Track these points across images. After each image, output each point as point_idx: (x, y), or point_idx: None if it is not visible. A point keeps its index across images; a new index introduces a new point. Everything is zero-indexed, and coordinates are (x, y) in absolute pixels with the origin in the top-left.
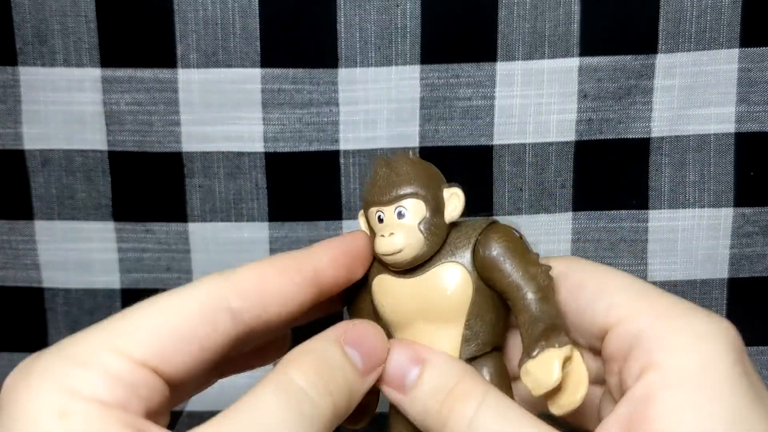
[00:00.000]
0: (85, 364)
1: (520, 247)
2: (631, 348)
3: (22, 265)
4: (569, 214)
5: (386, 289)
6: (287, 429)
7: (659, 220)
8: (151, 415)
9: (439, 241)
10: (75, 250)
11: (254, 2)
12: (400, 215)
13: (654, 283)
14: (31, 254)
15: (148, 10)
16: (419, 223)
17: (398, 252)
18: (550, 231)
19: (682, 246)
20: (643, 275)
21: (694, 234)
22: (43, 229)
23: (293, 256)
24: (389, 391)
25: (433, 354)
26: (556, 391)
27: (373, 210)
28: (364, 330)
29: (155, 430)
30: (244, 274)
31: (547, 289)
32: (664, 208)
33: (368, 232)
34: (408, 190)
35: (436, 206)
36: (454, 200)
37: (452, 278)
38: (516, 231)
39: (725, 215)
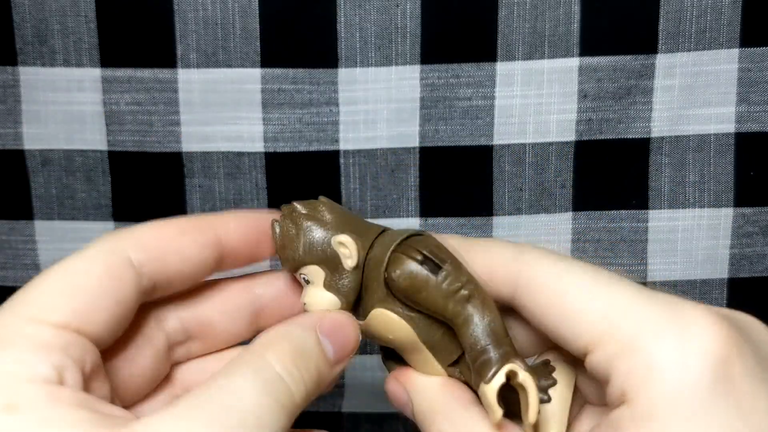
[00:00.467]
0: (12, 342)
1: (420, 281)
2: (608, 376)
3: (22, 265)
4: (569, 214)
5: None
6: (263, 416)
7: (659, 220)
8: (89, 379)
9: (355, 287)
10: (75, 250)
11: (254, 2)
12: (306, 281)
13: (654, 283)
14: (31, 254)
15: (148, 10)
16: (324, 283)
17: (327, 311)
18: (550, 231)
19: (682, 246)
20: (643, 275)
21: (694, 234)
22: (43, 229)
23: (197, 218)
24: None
25: (411, 380)
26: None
27: None
28: (339, 320)
29: (107, 407)
30: (143, 229)
31: (463, 311)
32: (664, 208)
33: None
34: (300, 258)
35: (333, 263)
36: (342, 250)
37: (384, 323)
38: (415, 253)
39: (725, 215)
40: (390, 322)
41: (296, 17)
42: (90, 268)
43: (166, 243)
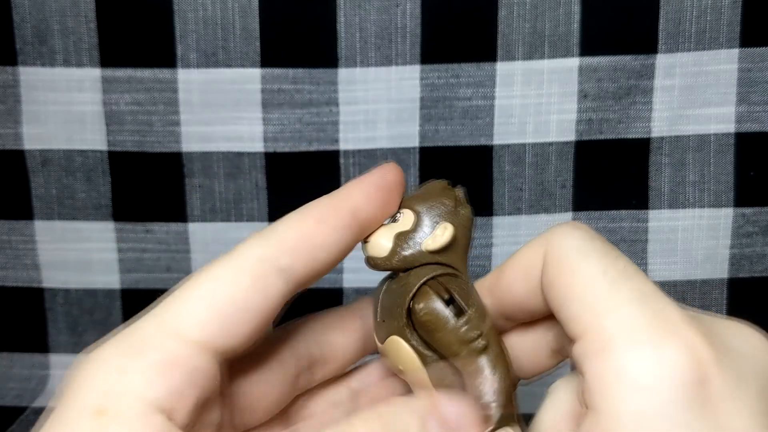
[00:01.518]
0: (143, 354)
1: (440, 320)
2: (582, 374)
3: (22, 265)
4: (569, 214)
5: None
6: None
7: (659, 220)
8: (202, 406)
9: (405, 257)
10: (75, 250)
11: (254, 2)
12: (394, 219)
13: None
14: (31, 254)
15: (148, 10)
16: (398, 233)
17: (365, 243)
18: None
19: (682, 246)
20: None
21: (694, 234)
22: (43, 229)
23: (329, 202)
24: None
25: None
26: None
27: None
28: (461, 410)
29: None
30: (286, 230)
31: (475, 362)
32: (664, 208)
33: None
34: (414, 203)
35: (423, 229)
36: (438, 232)
37: (396, 352)
38: (443, 291)
39: (725, 215)
40: (403, 353)
41: (296, 17)
42: (237, 280)
43: (310, 239)
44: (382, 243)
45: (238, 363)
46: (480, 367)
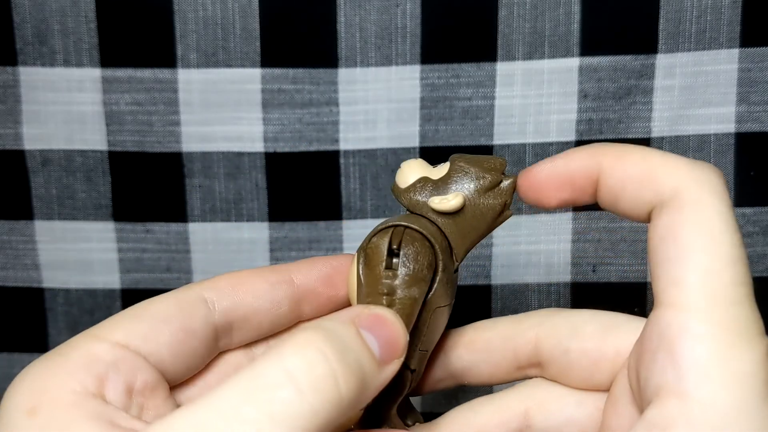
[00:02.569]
0: (65, 355)
1: (372, 259)
2: (664, 347)
3: (22, 265)
4: (569, 214)
5: None
6: (294, 412)
7: None
8: (137, 395)
9: (412, 199)
10: (75, 250)
11: (254, 2)
12: (436, 164)
13: None
14: (31, 254)
15: (148, 10)
16: (425, 177)
17: (399, 169)
18: (550, 231)
19: None
20: (643, 275)
21: None
22: (43, 229)
23: (270, 266)
24: None
25: None
26: None
27: None
28: (382, 315)
29: (128, 420)
30: (217, 277)
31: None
32: None
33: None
34: (461, 162)
35: (444, 187)
36: (449, 196)
37: (351, 268)
38: (396, 241)
39: None
40: (352, 270)
41: (296, 17)
42: (162, 300)
43: (237, 282)
44: (408, 176)
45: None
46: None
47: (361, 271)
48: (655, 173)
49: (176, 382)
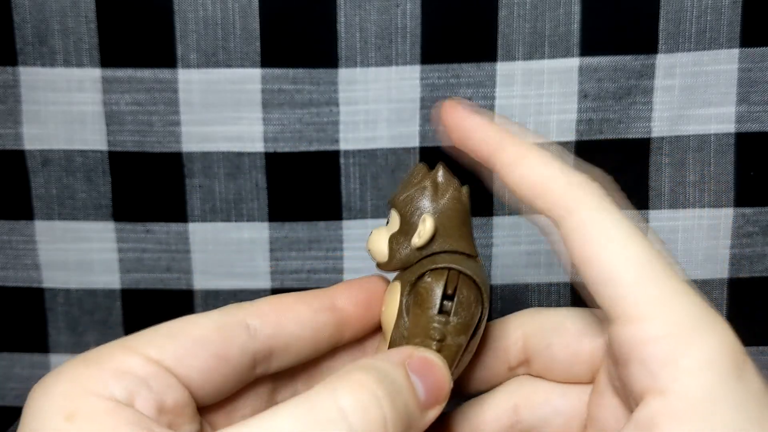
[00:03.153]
0: (99, 364)
1: (427, 303)
2: (633, 357)
3: (22, 265)
4: None
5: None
6: None
7: (659, 220)
8: (167, 413)
9: (403, 260)
10: (75, 250)
11: (254, 2)
12: (387, 222)
13: None
14: (31, 254)
15: (148, 10)
16: (391, 235)
17: (368, 250)
18: (550, 231)
19: (682, 246)
20: None
21: (694, 234)
22: (43, 229)
23: (314, 291)
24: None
25: None
26: None
27: None
28: (430, 359)
29: (162, 429)
30: (261, 300)
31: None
32: (664, 208)
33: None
34: (396, 201)
35: (408, 227)
36: (421, 227)
37: (392, 296)
38: (451, 286)
39: (725, 215)
40: (392, 298)
41: (296, 17)
42: (203, 320)
43: (281, 308)
44: (381, 248)
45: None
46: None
47: (406, 307)
48: (544, 189)
49: (206, 404)
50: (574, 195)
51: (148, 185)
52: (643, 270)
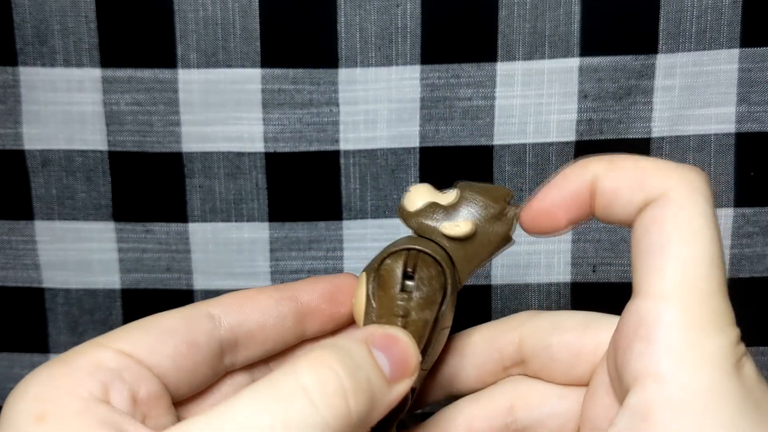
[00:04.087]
0: (71, 362)
1: (387, 282)
2: (642, 336)
3: (22, 265)
4: None
5: None
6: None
7: None
8: (141, 405)
9: (418, 228)
10: (75, 250)
11: (254, 2)
12: (443, 191)
13: None
14: (31, 254)
15: (148, 10)
16: (435, 202)
17: (406, 192)
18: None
19: None
20: None
21: None
22: (43, 229)
23: (275, 285)
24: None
25: None
26: None
27: None
28: (394, 334)
29: (136, 427)
30: (225, 295)
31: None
32: None
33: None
34: (469, 190)
35: (453, 212)
36: (460, 223)
37: (359, 287)
38: (410, 264)
39: (725, 215)
40: (360, 289)
41: (296, 17)
42: (168, 315)
43: (243, 299)
44: (416, 200)
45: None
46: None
47: (371, 292)
48: (645, 177)
49: (180, 398)
50: (678, 175)
51: (148, 185)
52: (699, 261)
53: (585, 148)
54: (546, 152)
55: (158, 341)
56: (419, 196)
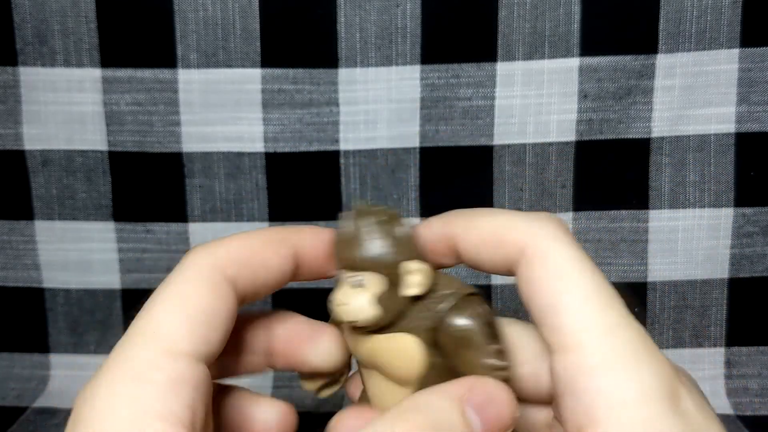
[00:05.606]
0: (147, 377)
1: (476, 341)
2: (569, 389)
3: (22, 265)
4: (569, 215)
5: (353, 339)
6: None
7: (659, 220)
8: (207, 412)
9: (395, 311)
10: (75, 250)
11: (254, 2)
12: (358, 285)
13: (654, 283)
14: (31, 254)
15: (148, 10)
16: (379, 296)
17: (352, 321)
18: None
19: (682, 246)
20: (643, 275)
21: (695, 234)
22: (43, 229)
23: (278, 231)
24: None
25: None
26: None
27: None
28: (494, 392)
29: None
30: (232, 243)
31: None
32: (665, 208)
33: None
34: (362, 261)
35: (393, 281)
36: (411, 278)
37: (402, 351)
38: (486, 311)
39: (725, 215)
40: (411, 353)
41: (296, 17)
42: (200, 289)
43: (253, 256)
44: (365, 308)
45: None
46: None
47: (432, 351)
48: (501, 237)
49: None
50: (532, 230)
51: (148, 185)
52: (587, 300)
53: (585, 147)
54: (546, 152)
55: (209, 330)
56: (361, 303)
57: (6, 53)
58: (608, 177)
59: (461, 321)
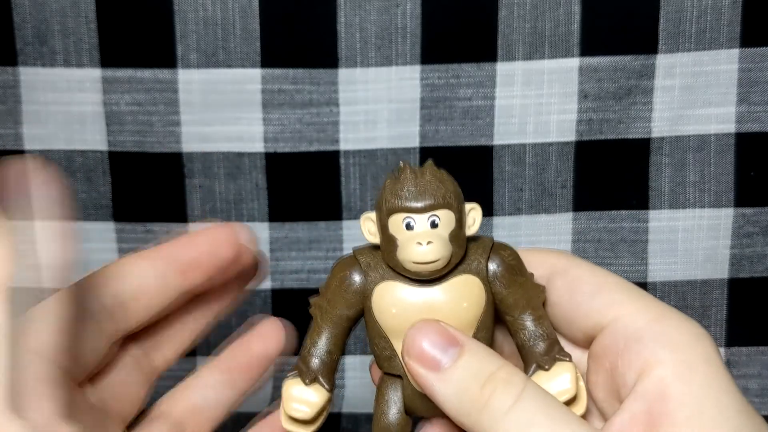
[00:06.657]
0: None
1: (522, 268)
2: (627, 345)
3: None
4: (569, 215)
5: (394, 296)
6: None
7: (659, 220)
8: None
9: (462, 253)
10: (75, 250)
11: (254, 2)
12: (434, 225)
13: (654, 283)
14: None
15: (148, 10)
16: (450, 234)
17: (434, 262)
18: (550, 231)
19: (682, 246)
20: (643, 275)
21: (695, 234)
22: None
23: (154, 248)
24: (419, 370)
25: (470, 340)
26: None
27: (399, 216)
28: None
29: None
30: (102, 267)
31: (542, 308)
32: (665, 208)
33: (375, 236)
34: (442, 200)
35: (461, 219)
36: (473, 215)
37: (470, 290)
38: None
39: (725, 215)
40: (478, 292)
41: (296, 17)
42: (52, 299)
43: (120, 265)
44: (444, 252)
45: None
46: (544, 309)
47: (495, 290)
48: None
49: (79, 377)
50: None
51: (148, 185)
52: (631, 289)
53: (585, 147)
54: (546, 152)
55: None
56: (443, 246)
57: (6, 53)
58: (608, 177)
59: (508, 251)
